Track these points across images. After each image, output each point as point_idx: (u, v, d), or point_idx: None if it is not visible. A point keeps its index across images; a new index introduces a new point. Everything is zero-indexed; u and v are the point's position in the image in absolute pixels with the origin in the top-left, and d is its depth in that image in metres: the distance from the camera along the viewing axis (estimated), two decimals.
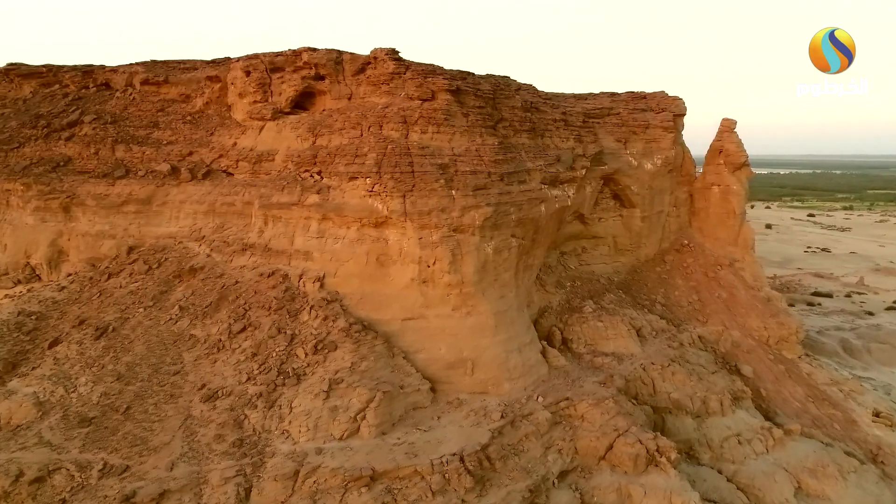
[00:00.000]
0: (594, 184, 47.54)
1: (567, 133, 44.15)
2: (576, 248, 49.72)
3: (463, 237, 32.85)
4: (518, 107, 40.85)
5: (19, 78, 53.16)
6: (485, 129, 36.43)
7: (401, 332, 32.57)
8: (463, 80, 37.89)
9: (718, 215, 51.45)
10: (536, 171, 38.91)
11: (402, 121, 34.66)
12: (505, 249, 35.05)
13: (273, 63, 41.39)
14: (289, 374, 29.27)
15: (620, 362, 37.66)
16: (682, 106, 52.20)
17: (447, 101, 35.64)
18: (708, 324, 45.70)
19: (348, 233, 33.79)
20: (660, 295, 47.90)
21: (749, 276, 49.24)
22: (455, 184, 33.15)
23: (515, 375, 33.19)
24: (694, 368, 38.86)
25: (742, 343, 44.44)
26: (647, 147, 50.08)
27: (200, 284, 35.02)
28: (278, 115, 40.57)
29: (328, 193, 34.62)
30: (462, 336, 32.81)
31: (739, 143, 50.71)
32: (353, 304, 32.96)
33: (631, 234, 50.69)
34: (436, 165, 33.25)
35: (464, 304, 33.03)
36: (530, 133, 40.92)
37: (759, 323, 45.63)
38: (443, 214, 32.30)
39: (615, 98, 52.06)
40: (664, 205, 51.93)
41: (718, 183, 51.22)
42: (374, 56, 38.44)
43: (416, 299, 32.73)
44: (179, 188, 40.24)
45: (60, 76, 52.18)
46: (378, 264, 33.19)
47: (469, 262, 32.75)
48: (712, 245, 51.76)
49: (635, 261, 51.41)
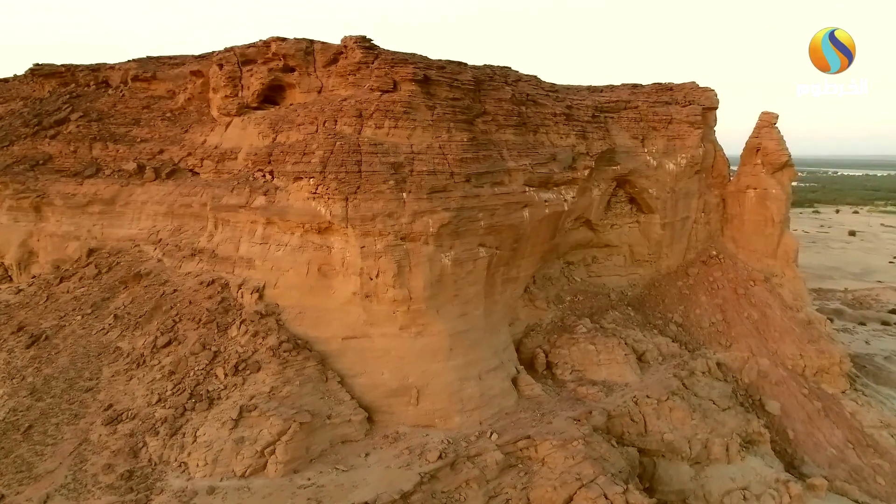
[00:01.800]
0: (604, 186, 42.21)
1: (567, 129, 39.12)
2: (585, 258, 44.50)
3: (413, 246, 28.81)
4: (506, 99, 36.30)
5: (41, 78, 53.17)
6: (455, 124, 32.18)
7: (340, 352, 28.89)
8: (439, 69, 33.86)
9: (754, 223, 44.83)
10: (519, 171, 34.29)
11: (358, 115, 30.99)
12: (469, 261, 30.73)
13: (244, 55, 38.62)
14: (201, 398, 26.18)
15: (609, 393, 32.49)
16: (714, 98, 45.89)
17: (411, 93, 31.69)
18: (731, 348, 39.52)
19: (291, 239, 30.47)
20: (677, 313, 42.01)
21: (788, 294, 42.51)
22: (408, 185, 29.15)
23: (470, 407, 28.83)
24: (700, 403, 33.13)
25: (771, 373, 38.06)
26: (670, 145, 44.18)
27: (142, 292, 32.62)
28: (244, 110, 37.78)
29: (275, 195, 31.42)
30: (409, 359, 28.78)
31: (780, 140, 43.94)
32: (290, 318, 29.57)
33: (650, 242, 44.91)
34: (387, 165, 29.36)
35: (413, 323, 28.98)
36: (518, 129, 36.27)
37: (794, 349, 39.04)
38: (389, 220, 28.39)
39: (636, 90, 46.40)
40: (690, 210, 45.79)
41: (755, 186, 44.61)
42: (345, 45, 35.01)
43: (359, 316, 28.97)
44: (143, 188, 38.18)
45: (77, 75, 51.74)
46: (320, 275, 29.66)
47: (419, 275, 28.68)
48: (747, 257, 45.18)
49: (655, 273, 45.59)
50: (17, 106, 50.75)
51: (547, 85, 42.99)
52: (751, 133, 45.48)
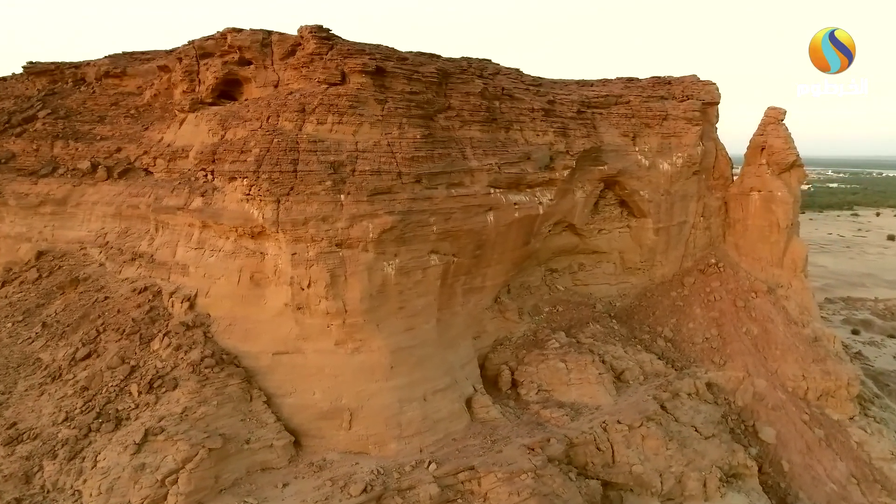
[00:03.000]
0: (589, 187, 38.91)
1: (545, 125, 35.96)
2: (570, 266, 41.25)
3: (350, 254, 26.17)
4: (475, 94, 33.39)
5: (32, 76, 52.20)
6: (409, 120, 29.42)
7: (270, 368, 26.41)
8: (399, 60, 31.21)
9: (759, 228, 40.93)
10: (483, 171, 31.38)
11: (300, 110, 28.50)
12: (417, 270, 27.96)
13: (203, 48, 36.47)
14: (109, 417, 23.98)
15: (576, 417, 29.33)
16: (715, 92, 42.14)
17: (360, 86, 29.07)
18: (726, 367, 35.85)
19: (225, 244, 28.17)
20: (668, 327, 38.45)
21: (794, 307, 38.57)
22: (347, 186, 26.52)
23: (409, 432, 26.04)
24: (680, 431, 29.71)
25: (768, 396, 34.32)
26: (665, 143, 40.62)
27: (76, 298, 30.71)
28: (198, 106, 35.59)
29: (212, 197, 29.17)
30: (344, 378, 26.15)
31: (787, 139, 39.99)
32: (220, 331, 27.23)
33: (642, 249, 41.41)
34: (326, 164, 26.78)
35: (349, 338, 26.34)
36: (486, 125, 33.31)
37: (796, 370, 35.19)
38: (323, 225, 25.79)
39: (630, 84, 42.93)
40: (688, 214, 42.11)
41: (759, 188, 40.70)
42: (301, 35, 32.59)
43: (291, 329, 26.45)
44: (95, 188, 36.40)
45: (65, 73, 50.60)
46: (252, 284, 27.24)
47: (356, 286, 26.02)
48: (750, 266, 41.31)
49: (648, 282, 42.05)
50: (8, 104, 49.84)
51: (529, 79, 39.88)
52: (755, 130, 41.56)
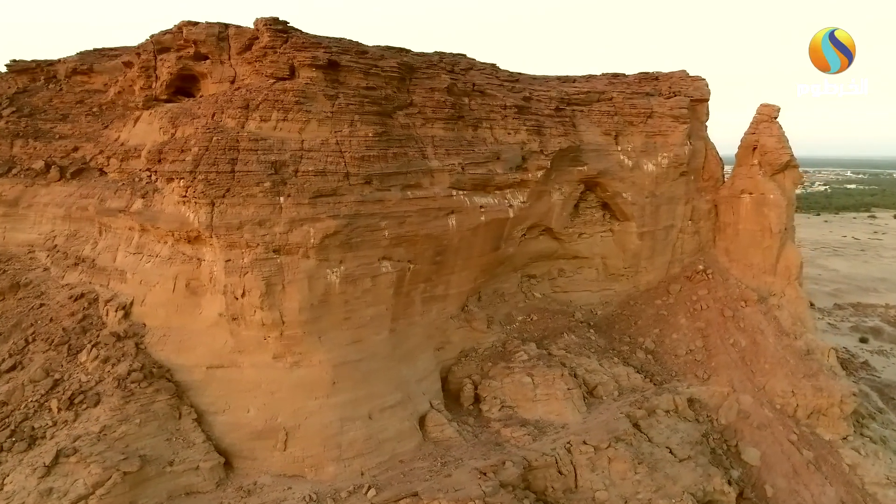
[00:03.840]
0: (567, 189, 36.77)
1: (517, 123, 33.89)
2: (549, 271, 39.11)
3: (289, 260, 24.34)
4: (440, 89, 31.46)
5: (14, 74, 51.06)
6: (363, 116, 27.55)
7: (204, 383, 24.65)
8: (358, 54, 29.39)
9: (750, 233, 38.51)
10: (444, 171, 29.45)
11: (244, 106, 26.78)
12: (366, 277, 26.08)
13: (160, 42, 34.82)
14: (24, 436, 22.33)
15: (539, 436, 27.25)
16: (704, 88, 39.79)
17: (309, 81, 27.34)
18: (709, 382, 33.53)
19: (162, 249, 26.48)
20: (650, 337, 36.17)
21: (787, 318, 36.12)
22: (287, 188, 24.70)
23: (350, 454, 24.13)
24: (652, 452, 27.51)
25: (753, 413, 31.97)
26: (650, 142, 38.35)
27: (14, 305, 29.21)
28: (152, 103, 33.99)
29: (152, 199, 27.52)
30: (281, 394, 24.31)
31: (781, 137, 37.52)
32: (154, 342, 25.52)
33: (625, 254, 39.17)
34: (266, 164, 24.98)
35: (288, 352, 24.50)
36: (451, 122, 31.33)
37: (785, 385, 32.79)
38: (259, 229, 24.00)
39: (615, 80, 40.69)
40: (675, 218, 39.78)
41: (751, 190, 38.28)
42: (257, 28, 30.84)
43: (226, 342, 24.67)
44: (48, 189, 34.92)
45: (46, 70, 49.40)
46: (188, 292, 25.50)
47: (294, 295, 24.18)
48: (741, 273, 38.90)
49: (633, 289, 39.80)
50: None
51: (505, 74, 37.83)
52: (747, 129, 39.13)
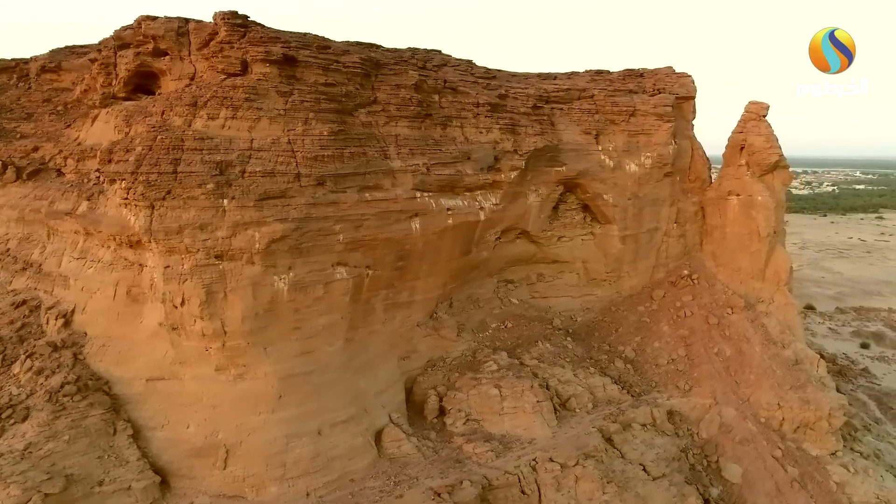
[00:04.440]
0: (544, 190, 35.23)
1: (490, 122, 32.39)
2: (528, 276, 37.58)
3: (232, 267, 22.94)
4: (407, 86, 30.02)
5: None
6: (318, 114, 26.13)
7: (143, 396, 23.30)
8: (320, 49, 28.03)
9: (738, 236, 36.84)
10: (407, 172, 28.00)
11: (192, 103, 25.44)
12: (318, 284, 24.65)
13: (121, 38, 33.39)
14: None
15: (503, 452, 25.73)
16: (690, 86, 38.14)
17: (262, 76, 25.98)
18: (691, 393, 31.90)
19: (105, 254, 25.17)
20: (631, 346, 34.56)
21: (775, 326, 34.43)
22: (232, 190, 23.31)
23: (295, 473, 22.69)
24: (624, 470, 25.93)
25: (736, 427, 30.31)
26: (632, 141, 36.75)
27: None
28: (110, 101, 32.67)
29: (97, 201, 26.21)
30: (223, 409, 22.92)
31: (769, 136, 35.83)
32: (93, 352, 24.20)
33: (607, 258, 37.58)
34: (211, 164, 23.59)
35: (231, 364, 23.09)
36: (418, 121, 29.88)
37: (771, 397, 31.12)
38: (200, 234, 22.60)
39: (598, 77, 39.08)
40: (659, 221, 38.14)
41: (738, 191, 36.61)
42: (215, 22, 29.50)
43: (167, 352, 23.30)
44: (4, 190, 33.75)
45: (20, 68, 48.32)
46: (130, 300, 24.17)
47: (237, 304, 22.77)
48: (728, 278, 37.23)
49: (616, 295, 38.20)
50: None
51: (481, 71, 36.32)
52: (734, 127, 37.45)
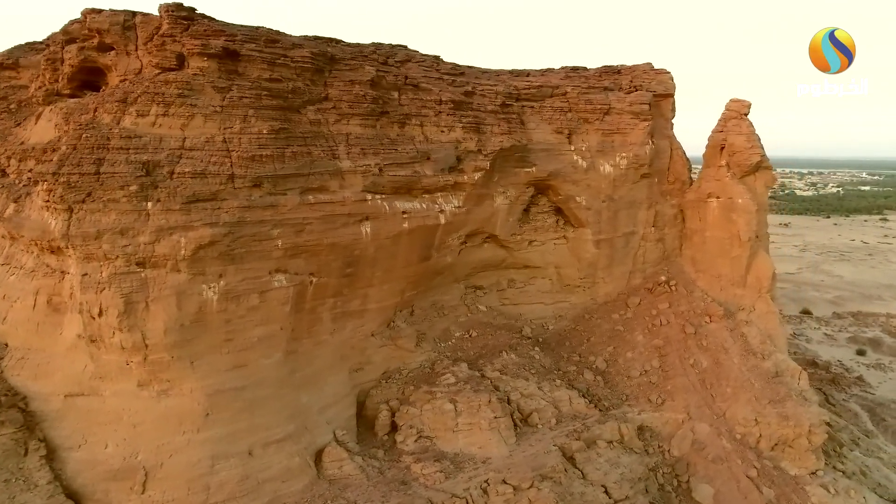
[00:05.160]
0: (513, 192, 33.55)
1: (452, 120, 30.74)
2: (498, 282, 35.90)
3: (155, 274, 21.35)
4: (362, 82, 28.40)
5: None
6: (259, 111, 24.55)
7: (61, 413, 21.71)
8: (268, 42, 26.51)
9: (718, 241, 35.06)
10: (357, 173, 26.40)
11: (122, 99, 23.94)
12: (253, 293, 23.05)
13: (68, 32, 31.91)
14: None
15: (454, 473, 24.04)
16: (668, 83, 36.40)
17: (199, 71, 24.55)
18: (663, 407, 30.15)
19: (28, 260, 23.63)
20: (602, 356, 32.82)
21: (755, 336, 32.64)
22: (158, 192, 21.74)
23: (220, 497, 21.08)
24: (583, 492, 24.20)
25: (709, 445, 28.55)
26: (606, 141, 35.01)
27: None
28: (54, 98, 31.14)
29: (23, 203, 24.66)
30: (145, 428, 21.32)
31: (751, 136, 34.04)
32: (11, 365, 22.65)
33: (581, 264, 35.86)
34: (136, 164, 22.04)
35: (154, 379, 21.50)
36: (372, 119, 28.25)
37: (748, 412, 29.34)
38: (121, 239, 21.03)
39: (573, 74, 37.35)
40: (636, 224, 36.38)
41: (718, 194, 34.82)
42: (161, 15, 27.98)
43: (86, 366, 21.72)
44: None
45: None
46: (50, 309, 22.59)
47: (159, 314, 21.17)
48: (708, 284, 35.45)
49: (590, 302, 36.46)
50: None
51: (447, 67, 34.67)
52: (714, 126, 35.64)
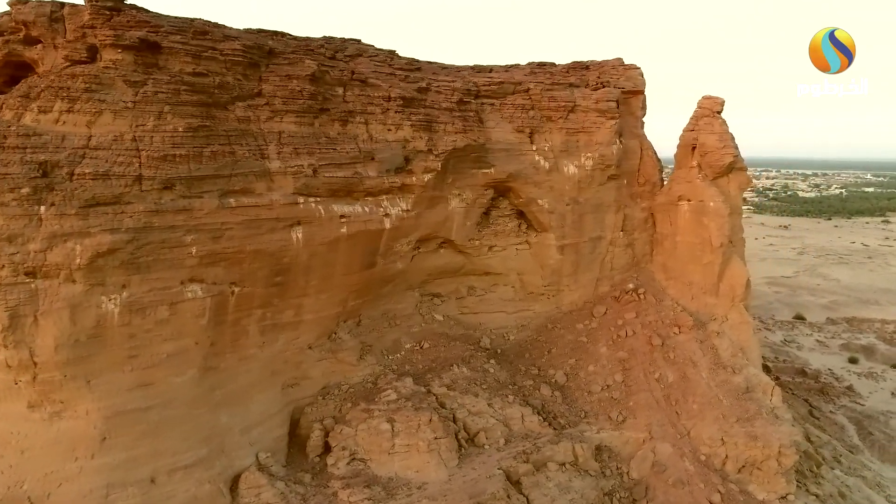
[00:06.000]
0: (470, 195, 31.62)
1: (400, 118, 28.82)
2: (458, 290, 33.96)
3: (47, 285, 19.51)
4: (300, 76, 26.54)
5: None
6: (176, 107, 22.69)
7: None
8: (197, 34, 24.69)
9: (689, 246, 33.04)
10: (287, 174, 24.55)
11: (25, 95, 22.13)
12: (161, 306, 21.18)
13: None
14: None
15: (384, 500, 22.09)
16: (638, 79, 34.39)
17: (111, 64, 22.76)
18: (624, 426, 28.12)
19: None
20: (563, 370, 30.82)
21: (727, 348, 30.60)
22: (53, 195, 19.92)
23: None
24: None
25: (671, 467, 26.52)
26: (571, 140, 33.06)
27: None
28: None
29: None
30: (33, 454, 19.47)
31: (723, 135, 32.00)
32: None
33: (544, 270, 33.88)
34: (32, 165, 20.17)
35: (46, 400, 19.65)
36: (308, 116, 26.39)
37: (714, 431, 27.31)
38: (8, 246, 19.20)
39: (539, 70, 35.37)
40: (603, 229, 34.38)
41: (689, 196, 32.80)
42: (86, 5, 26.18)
43: None
44: None
45: None
46: None
47: (50, 329, 19.32)
48: (679, 292, 33.42)
49: (555, 310, 34.47)
50: None
51: (402, 62, 32.72)
52: (685, 125, 33.60)
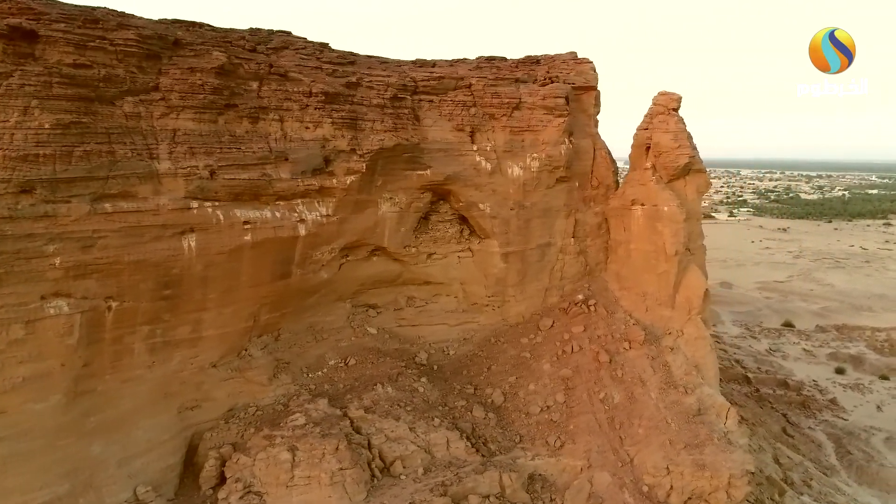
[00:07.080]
0: (404, 198, 29.28)
1: (320, 115, 26.51)
2: (396, 300, 31.60)
3: None
4: (205, 69, 24.33)
5: None
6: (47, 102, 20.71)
7: None
8: (87, 23, 22.50)
9: (644, 254, 30.59)
10: (178, 176, 22.27)
11: None
12: (16, 324, 19.05)
13: None
14: None
15: None
16: (589, 74, 31.96)
17: None
18: (562, 452, 25.66)
19: None
20: (500, 389, 28.39)
21: (680, 365, 28.13)
22: None
23: None
24: None
25: (609, 499, 24.03)
26: (515, 140, 30.68)
27: None
28: None
29: None
30: None
31: (679, 134, 29.52)
32: None
33: (488, 279, 31.50)
34: None
35: None
36: (212, 112, 24.17)
37: (659, 459, 24.82)
38: None
39: (487, 64, 32.97)
40: (552, 235, 31.97)
41: (643, 200, 30.35)
42: None
43: None
44: None
45: None
46: None
47: None
48: (632, 304, 30.96)
49: (501, 323, 32.06)
50: None
51: (333, 56, 30.36)
52: (639, 123, 31.15)
